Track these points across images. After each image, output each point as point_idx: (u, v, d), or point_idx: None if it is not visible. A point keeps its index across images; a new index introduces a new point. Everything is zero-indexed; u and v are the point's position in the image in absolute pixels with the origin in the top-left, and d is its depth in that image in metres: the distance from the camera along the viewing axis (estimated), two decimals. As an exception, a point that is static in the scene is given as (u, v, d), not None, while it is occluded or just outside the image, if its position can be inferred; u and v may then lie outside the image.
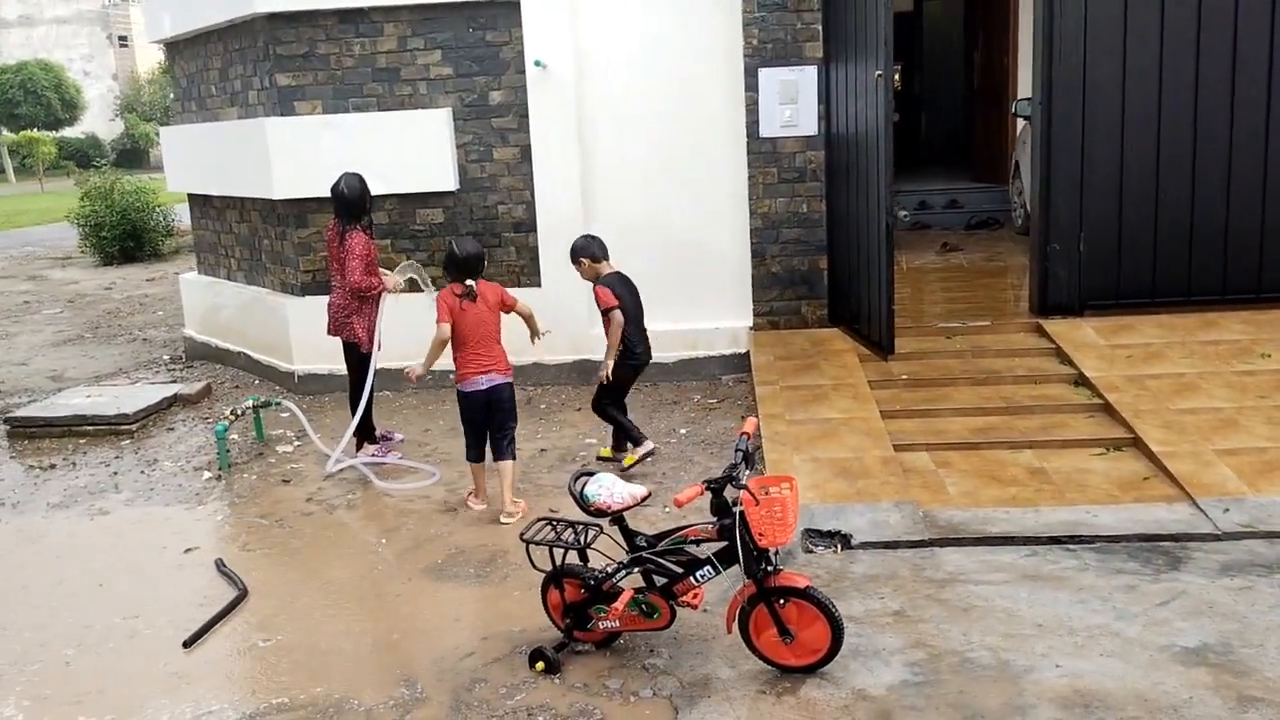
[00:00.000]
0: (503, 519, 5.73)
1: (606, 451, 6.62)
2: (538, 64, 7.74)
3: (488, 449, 5.90)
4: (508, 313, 5.97)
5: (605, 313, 6.22)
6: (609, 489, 4.16)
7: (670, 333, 8.15)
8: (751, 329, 8.02)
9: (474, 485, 6.00)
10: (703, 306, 8.16)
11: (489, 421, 5.81)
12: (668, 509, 5.71)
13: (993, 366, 7.02)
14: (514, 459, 5.88)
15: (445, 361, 5.91)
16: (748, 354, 7.86)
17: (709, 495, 4.01)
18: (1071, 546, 5.00)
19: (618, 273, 6.43)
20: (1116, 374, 6.60)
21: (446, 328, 5.70)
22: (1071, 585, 4.63)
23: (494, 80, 7.94)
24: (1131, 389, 6.39)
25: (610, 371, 6.24)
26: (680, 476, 6.23)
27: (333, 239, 6.57)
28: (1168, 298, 7.39)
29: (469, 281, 5.75)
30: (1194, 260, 7.37)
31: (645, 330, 6.48)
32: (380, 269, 6.67)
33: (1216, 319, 7.25)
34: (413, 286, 6.83)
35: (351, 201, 6.45)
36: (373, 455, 6.73)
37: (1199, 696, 3.76)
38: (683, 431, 7.06)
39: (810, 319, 7.97)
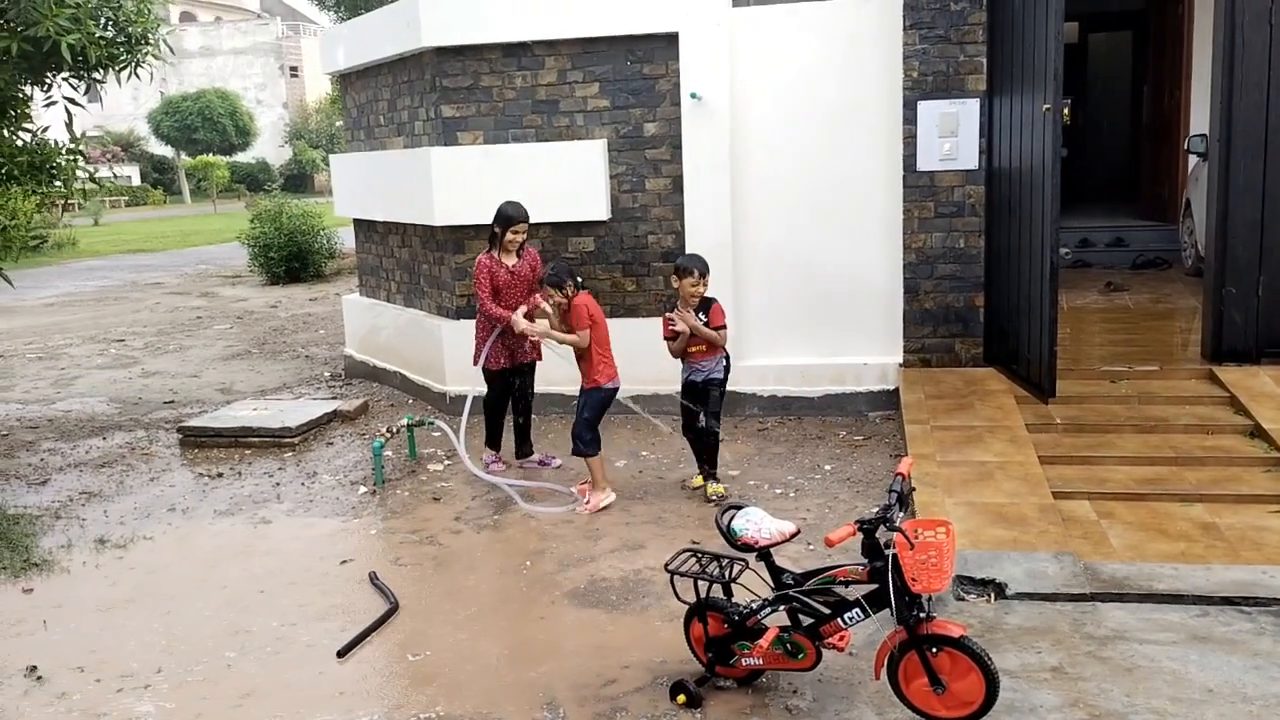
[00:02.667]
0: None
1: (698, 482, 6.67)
2: (694, 96, 7.81)
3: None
4: None
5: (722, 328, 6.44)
6: (757, 524, 4.12)
7: (817, 366, 8.08)
8: (902, 365, 7.86)
9: (595, 479, 6.48)
10: (851, 341, 8.05)
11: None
12: (812, 546, 5.63)
13: (1161, 414, 6.69)
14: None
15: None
16: (896, 391, 7.70)
17: (860, 536, 3.93)
18: (1246, 609, 4.69)
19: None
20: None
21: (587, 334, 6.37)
22: (1246, 649, 4.35)
23: (649, 112, 8.04)
24: (1306, 444, 6.00)
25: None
26: (825, 514, 6.13)
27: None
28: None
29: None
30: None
31: None
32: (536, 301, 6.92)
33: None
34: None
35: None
36: (486, 461, 7.08)
37: (1395, 782, 3.47)
38: (827, 468, 6.95)
39: (964, 358, 7.75)
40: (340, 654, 4.75)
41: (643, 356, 7.81)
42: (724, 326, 6.42)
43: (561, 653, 4.73)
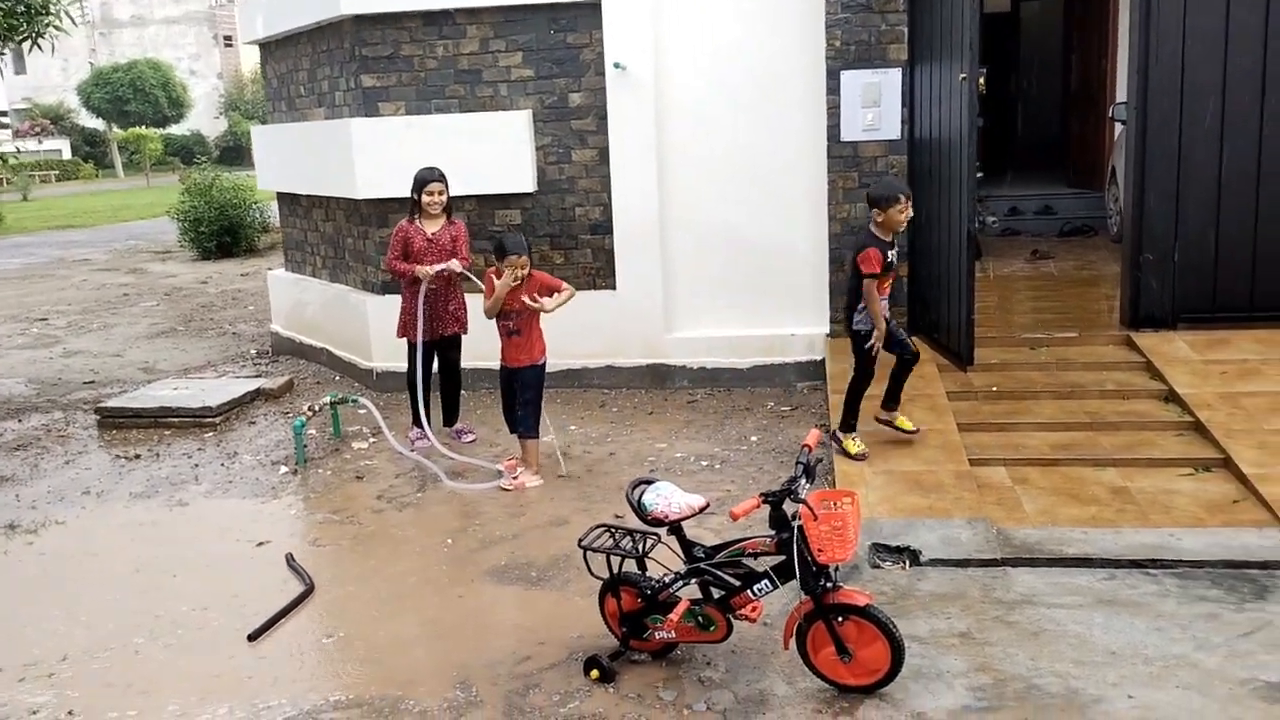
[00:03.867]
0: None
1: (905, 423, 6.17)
2: (617, 66, 7.73)
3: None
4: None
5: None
6: (667, 498, 4.11)
7: (746, 338, 8.09)
8: (829, 336, 7.89)
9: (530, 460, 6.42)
10: (780, 312, 8.06)
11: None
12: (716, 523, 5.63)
13: (1078, 380, 6.79)
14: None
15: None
16: (824, 361, 7.73)
17: (768, 508, 3.94)
18: (1152, 571, 4.79)
19: None
20: (1209, 391, 6.32)
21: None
22: (1150, 612, 4.44)
23: (574, 82, 7.94)
24: (1224, 407, 6.12)
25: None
26: (749, 485, 6.15)
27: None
28: (1267, 312, 7.05)
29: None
30: (1298, 274, 7.03)
31: None
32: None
33: (1321, 335, 6.90)
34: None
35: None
36: (412, 439, 6.96)
37: (1282, 737, 3.56)
38: (754, 439, 6.97)
39: (889, 327, 7.79)
40: (251, 638, 4.68)
41: (570, 330, 7.77)
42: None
43: (478, 631, 4.70)
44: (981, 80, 7.25)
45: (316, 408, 7.28)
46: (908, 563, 5.05)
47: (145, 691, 4.30)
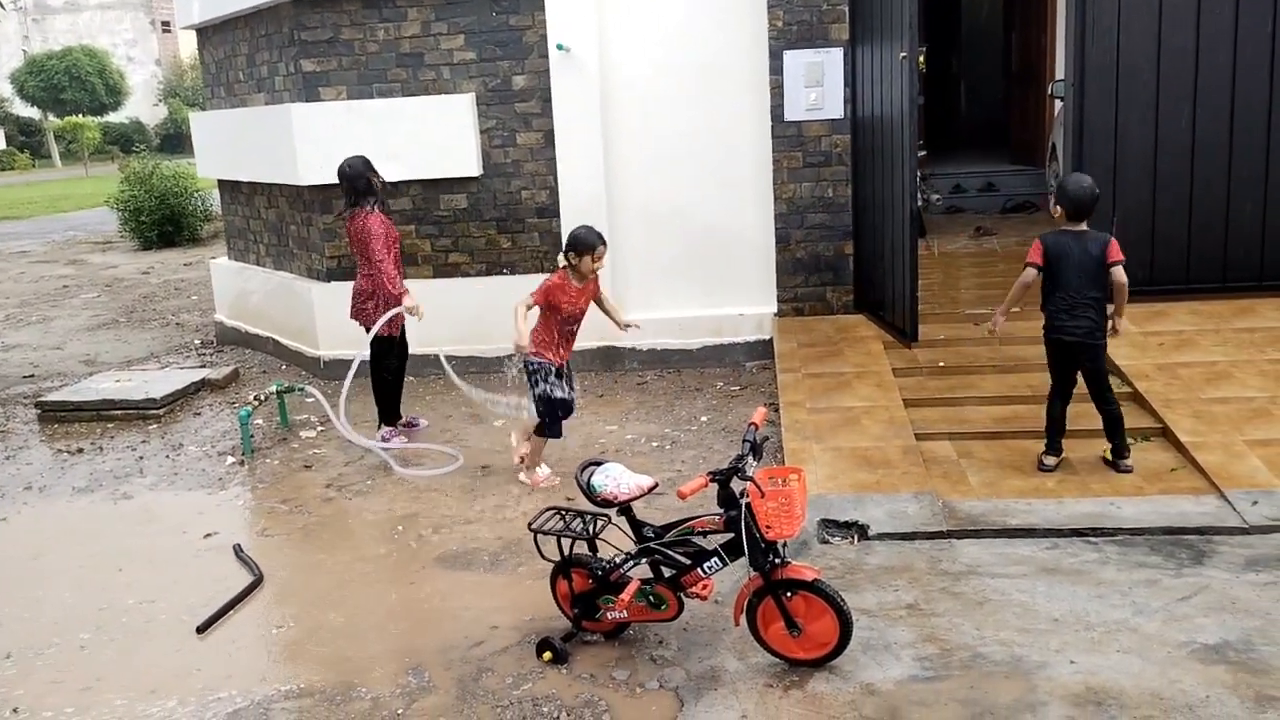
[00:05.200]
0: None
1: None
2: (560, 48, 7.69)
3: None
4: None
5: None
6: (616, 479, 4.12)
7: (695, 319, 8.12)
8: (776, 315, 7.94)
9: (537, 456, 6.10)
10: (727, 292, 8.10)
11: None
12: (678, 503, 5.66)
13: (1020, 354, 6.88)
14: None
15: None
16: (772, 340, 7.79)
17: (716, 487, 3.97)
18: (1093, 539, 4.90)
19: None
20: (1147, 362, 6.45)
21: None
22: (1091, 579, 4.54)
23: (517, 65, 7.89)
24: (1162, 377, 6.25)
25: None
26: (699, 465, 6.18)
27: (349, 224, 6.64)
28: (1202, 284, 7.22)
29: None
30: (1230, 245, 7.19)
31: None
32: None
33: (1252, 305, 7.07)
34: None
35: (350, 179, 6.54)
36: (381, 438, 6.78)
37: (1216, 695, 3.66)
38: (704, 419, 7.01)
39: (836, 305, 7.87)
40: (200, 630, 4.63)
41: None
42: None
43: (430, 617, 4.69)
44: (921, 59, 7.31)
45: (263, 397, 7.20)
46: (856, 537, 5.11)
47: (91, 687, 4.25)
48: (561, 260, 5.82)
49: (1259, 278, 7.20)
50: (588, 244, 5.68)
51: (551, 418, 5.96)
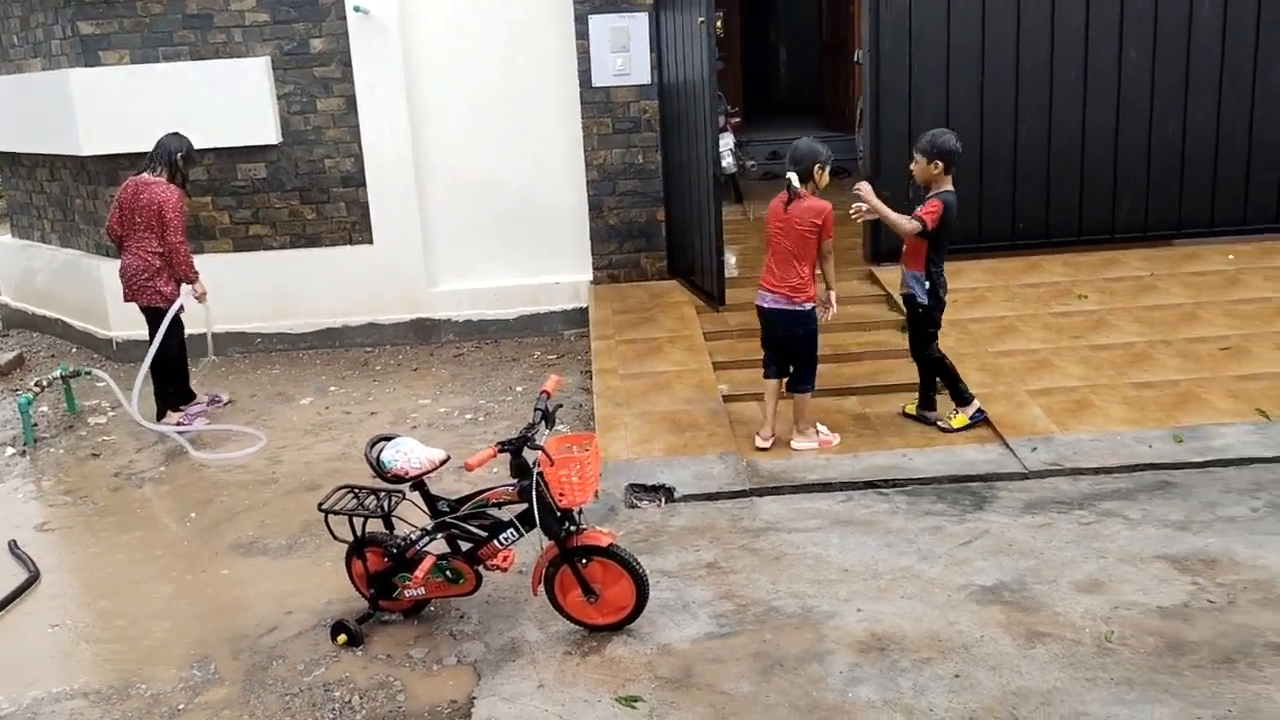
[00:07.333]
0: (792, 445, 5.52)
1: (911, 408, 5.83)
2: (357, 9, 7.41)
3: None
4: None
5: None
6: (406, 454, 4.01)
7: (511, 288, 8.02)
8: (592, 283, 7.92)
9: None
10: (543, 261, 8.02)
11: (777, 347, 5.52)
12: (496, 470, 5.59)
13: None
14: (806, 392, 5.53)
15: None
16: (588, 308, 7.76)
17: (509, 457, 3.92)
18: (885, 490, 5.07)
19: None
20: (941, 318, 6.69)
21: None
22: (881, 529, 4.70)
23: (314, 27, 7.57)
24: (954, 332, 6.50)
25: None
26: (513, 436, 6.10)
27: (130, 197, 6.25)
28: (994, 242, 7.55)
29: (790, 176, 5.36)
30: (1018, 204, 7.54)
31: None
32: None
33: (1039, 261, 7.44)
34: None
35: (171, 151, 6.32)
36: (178, 422, 6.46)
37: (990, 635, 3.84)
38: (519, 389, 6.94)
39: (650, 271, 7.90)
40: (-37, 635, 4.31)
41: (327, 288, 7.52)
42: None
43: (222, 607, 4.49)
44: (719, 24, 7.38)
45: (46, 382, 6.73)
46: (663, 500, 5.15)
47: None
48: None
49: (1045, 234, 7.58)
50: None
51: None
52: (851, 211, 5.62)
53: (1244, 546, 4.33)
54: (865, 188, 5.53)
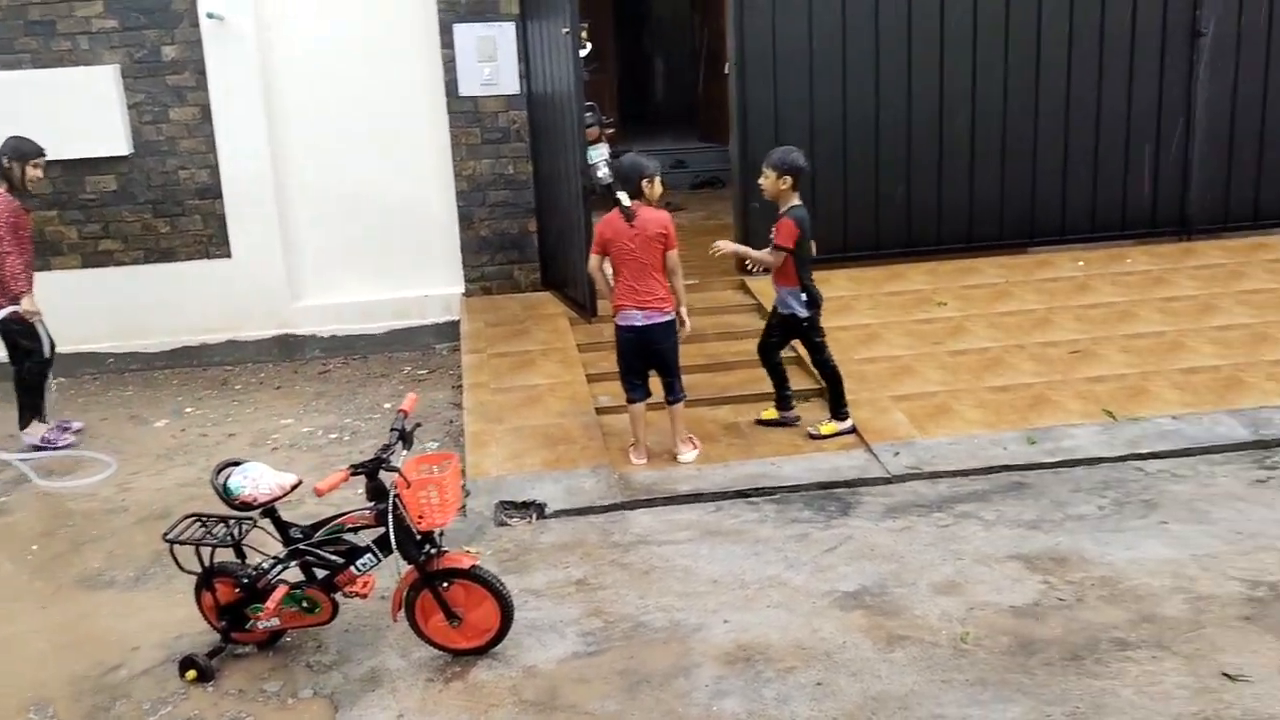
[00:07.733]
0: (680, 459, 5.47)
1: (771, 414, 5.90)
2: (211, 16, 7.16)
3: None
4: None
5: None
6: (254, 479, 3.85)
7: (379, 302, 7.85)
8: (464, 295, 7.80)
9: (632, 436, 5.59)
10: (413, 273, 7.86)
11: (649, 363, 5.44)
12: (360, 492, 5.43)
13: (698, 325, 6.99)
14: (682, 400, 5.53)
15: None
16: (460, 322, 7.64)
17: (365, 479, 3.80)
18: (754, 499, 5.10)
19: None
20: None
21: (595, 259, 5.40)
22: (749, 538, 4.72)
23: (166, 34, 7.28)
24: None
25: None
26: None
27: None
28: (859, 252, 7.70)
29: (621, 196, 5.30)
30: (880, 217, 7.71)
31: None
32: None
33: (902, 271, 7.63)
34: None
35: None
36: (43, 440, 6.17)
37: (852, 640, 3.88)
38: (387, 406, 6.78)
39: (523, 283, 7.82)
40: None
41: (183, 304, 7.23)
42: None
43: (63, 644, 4.24)
44: (585, 34, 7.36)
45: None
46: (534, 516, 5.08)
47: None
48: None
49: (907, 244, 7.77)
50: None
51: None
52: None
53: (1092, 544, 4.48)
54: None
